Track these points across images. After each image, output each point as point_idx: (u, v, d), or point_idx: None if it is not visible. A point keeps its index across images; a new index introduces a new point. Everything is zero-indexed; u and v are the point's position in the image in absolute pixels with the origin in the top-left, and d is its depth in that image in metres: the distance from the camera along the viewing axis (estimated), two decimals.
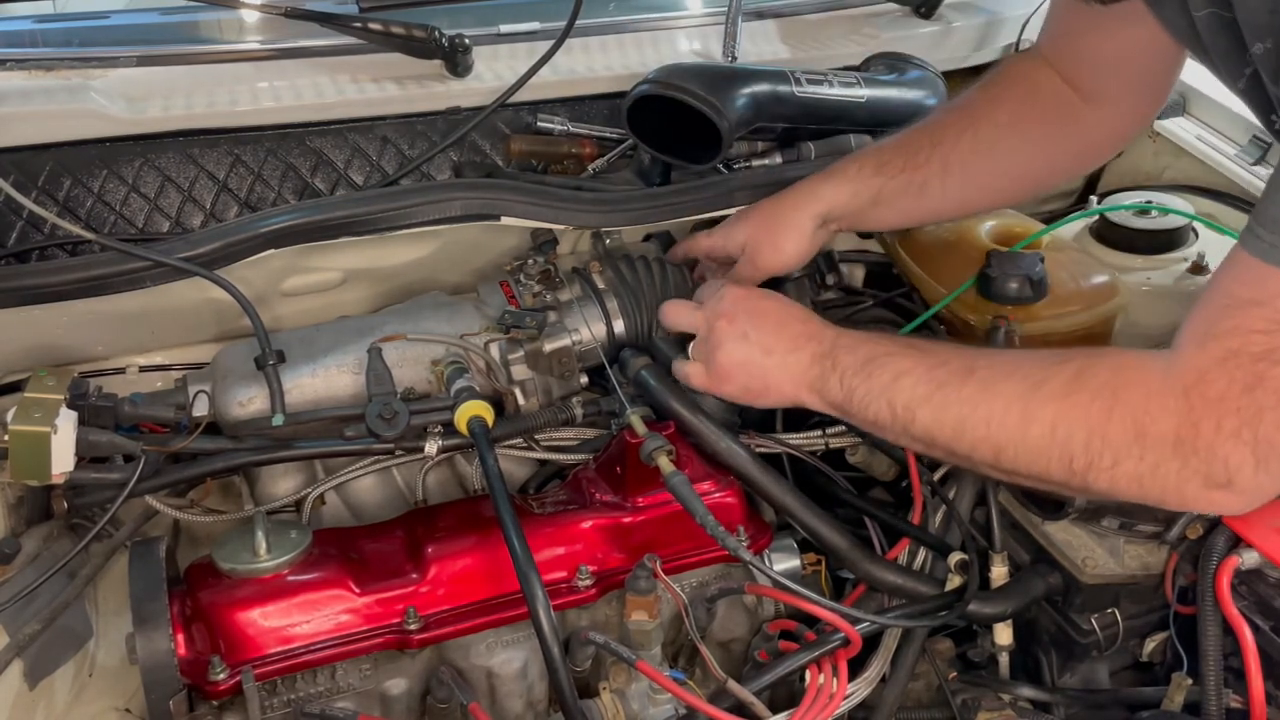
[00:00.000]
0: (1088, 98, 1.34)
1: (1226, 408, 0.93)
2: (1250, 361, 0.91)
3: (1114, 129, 1.39)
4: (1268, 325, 0.91)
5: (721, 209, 1.48)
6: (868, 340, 1.17)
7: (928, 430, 1.09)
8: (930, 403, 1.08)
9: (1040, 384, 1.03)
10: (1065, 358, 1.04)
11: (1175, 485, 0.97)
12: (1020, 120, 1.37)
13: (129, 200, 1.49)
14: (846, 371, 1.15)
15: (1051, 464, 1.02)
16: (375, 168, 1.57)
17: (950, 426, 1.07)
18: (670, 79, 1.46)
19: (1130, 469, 0.98)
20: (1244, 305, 0.93)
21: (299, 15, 1.51)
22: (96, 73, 1.49)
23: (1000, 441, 1.04)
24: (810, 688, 1.17)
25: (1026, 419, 1.02)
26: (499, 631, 1.23)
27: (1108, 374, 1.00)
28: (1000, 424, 1.04)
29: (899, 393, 1.10)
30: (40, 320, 1.29)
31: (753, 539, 1.29)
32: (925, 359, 1.11)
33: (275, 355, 1.28)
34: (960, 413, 1.06)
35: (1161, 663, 1.32)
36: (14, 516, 1.26)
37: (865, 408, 1.13)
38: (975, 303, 1.43)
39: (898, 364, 1.12)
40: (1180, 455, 0.95)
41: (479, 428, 1.21)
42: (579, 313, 1.39)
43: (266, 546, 1.16)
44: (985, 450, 1.06)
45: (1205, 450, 0.94)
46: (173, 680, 1.11)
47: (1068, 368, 1.02)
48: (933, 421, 1.08)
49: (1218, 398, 0.93)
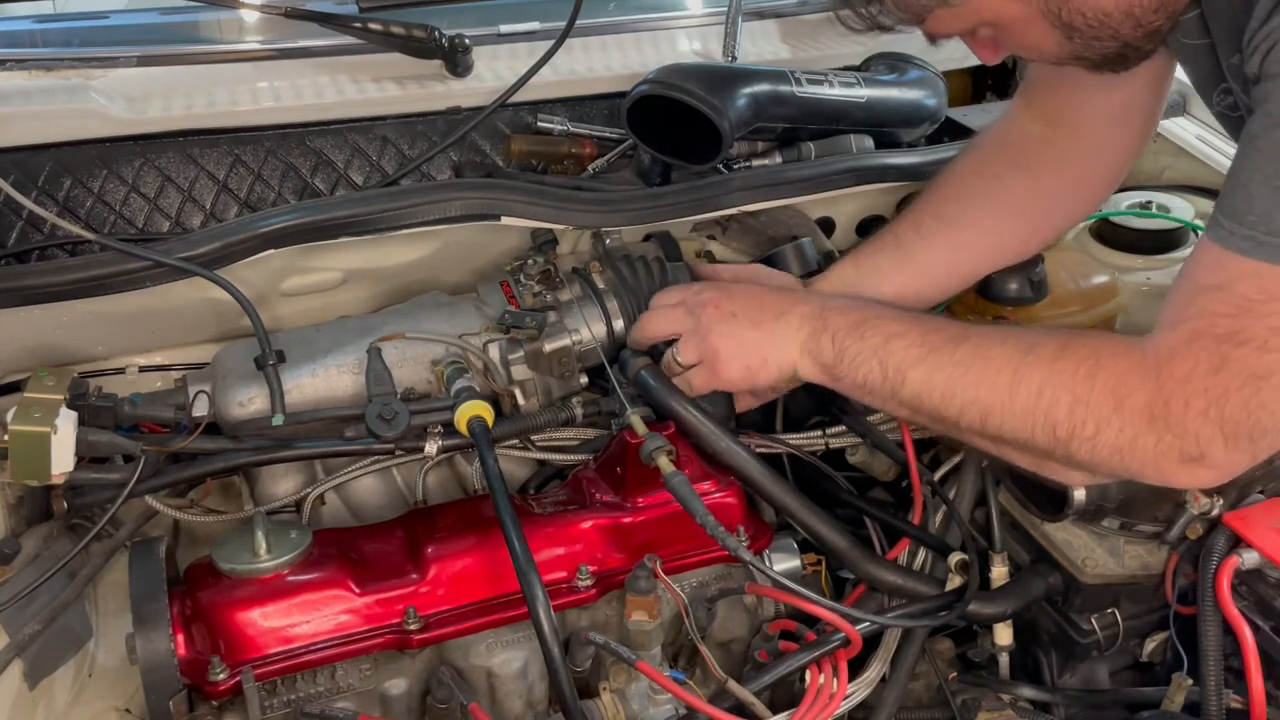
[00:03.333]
0: (1076, 130, 1.35)
1: (1194, 388, 0.96)
2: (1214, 343, 0.95)
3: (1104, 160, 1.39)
4: (1230, 309, 0.94)
5: (721, 209, 1.48)
6: (860, 304, 1.19)
7: (916, 394, 1.11)
8: (923, 364, 1.10)
9: (1031, 348, 1.06)
10: (1055, 330, 1.09)
11: (1153, 459, 1.00)
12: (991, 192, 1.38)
13: (129, 200, 1.49)
14: (838, 332, 1.16)
15: (1036, 430, 1.05)
16: (375, 168, 1.57)
17: (940, 389, 1.09)
18: (670, 79, 1.46)
19: (1111, 439, 1.01)
20: (1208, 290, 0.97)
21: (299, 15, 1.51)
22: (96, 73, 1.49)
23: (989, 404, 1.07)
24: (810, 688, 1.17)
25: (1015, 380, 1.05)
26: (499, 632, 1.23)
27: (1094, 344, 1.04)
28: (991, 385, 1.06)
29: (891, 354, 1.12)
30: (40, 320, 1.29)
31: (753, 539, 1.29)
32: (919, 324, 1.14)
33: (275, 355, 1.28)
34: (951, 375, 1.08)
35: (1161, 663, 1.32)
36: (14, 516, 1.26)
37: (856, 368, 1.15)
38: (975, 303, 1.43)
39: (890, 326, 1.14)
40: (1155, 430, 0.99)
41: (479, 428, 1.21)
42: (579, 313, 1.39)
43: (266, 546, 1.16)
44: (973, 414, 1.08)
45: (1177, 426, 0.97)
46: (173, 680, 1.11)
47: (1057, 336, 1.06)
48: (923, 384, 1.10)
49: (1184, 378, 0.96)
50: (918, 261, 1.37)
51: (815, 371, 1.20)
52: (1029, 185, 1.37)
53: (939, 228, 1.37)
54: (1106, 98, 1.31)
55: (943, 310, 1.45)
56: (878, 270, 1.37)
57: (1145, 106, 1.35)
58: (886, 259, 1.38)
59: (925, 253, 1.37)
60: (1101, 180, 1.41)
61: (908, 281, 1.37)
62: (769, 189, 1.48)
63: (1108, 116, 1.33)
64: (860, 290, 1.36)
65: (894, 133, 1.66)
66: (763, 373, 1.22)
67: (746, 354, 1.21)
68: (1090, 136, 1.35)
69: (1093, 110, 1.33)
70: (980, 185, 1.37)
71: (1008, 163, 1.37)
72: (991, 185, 1.37)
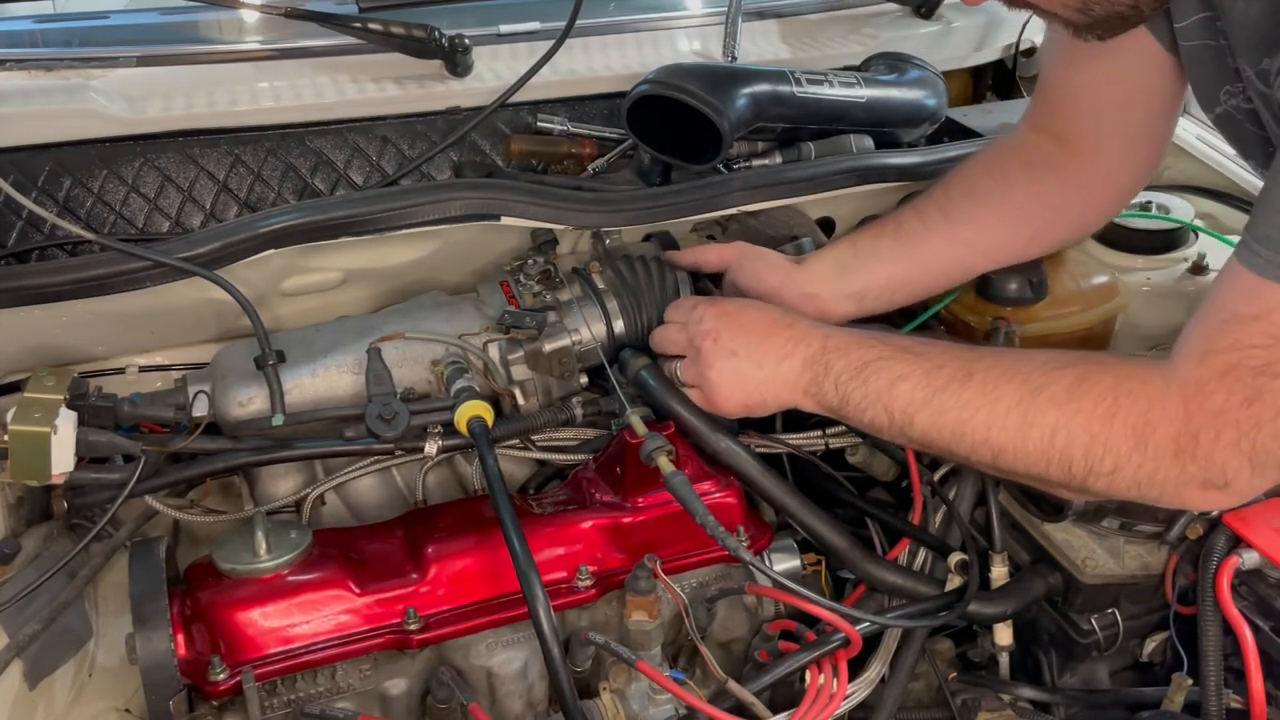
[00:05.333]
0: (1083, 152, 1.34)
1: (1225, 420, 0.94)
2: (1250, 375, 0.93)
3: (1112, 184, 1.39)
4: (1266, 340, 0.93)
5: (722, 209, 1.48)
6: (860, 342, 1.16)
7: (925, 433, 1.10)
8: (929, 407, 1.08)
9: (1040, 389, 1.03)
10: (1065, 363, 1.05)
11: (1173, 489, 0.99)
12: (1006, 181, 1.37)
13: (129, 200, 1.49)
14: (841, 376, 1.14)
15: (1050, 468, 1.04)
16: (375, 168, 1.57)
17: (949, 430, 1.08)
18: (670, 79, 1.45)
19: (1129, 475, 1.00)
20: (1242, 320, 0.94)
21: (299, 15, 1.51)
22: (96, 73, 1.49)
23: (999, 445, 1.05)
24: (810, 688, 1.17)
25: (1026, 424, 1.03)
26: (499, 632, 1.23)
27: (1110, 381, 1.01)
28: (1000, 429, 1.04)
29: (896, 398, 1.10)
30: (40, 320, 1.29)
31: (753, 539, 1.29)
32: (921, 362, 1.10)
33: (275, 355, 1.28)
34: (959, 417, 1.07)
35: (1161, 663, 1.32)
36: (14, 516, 1.26)
37: (862, 412, 1.13)
38: (975, 303, 1.43)
39: (893, 368, 1.11)
40: (1179, 462, 0.97)
41: (479, 428, 1.21)
42: (579, 313, 1.39)
43: (266, 546, 1.16)
44: (984, 453, 1.07)
45: (1204, 458, 0.96)
46: (173, 680, 1.11)
47: (1068, 374, 1.03)
48: (930, 425, 1.09)
49: (1217, 410, 0.94)
50: (918, 251, 1.36)
51: (821, 411, 1.19)
52: (1037, 194, 1.36)
53: (944, 222, 1.36)
54: (1119, 118, 1.30)
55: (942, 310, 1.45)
56: (876, 254, 1.36)
57: (1158, 128, 1.34)
58: (887, 244, 1.37)
59: (926, 244, 1.36)
60: (1111, 199, 1.41)
61: (905, 269, 1.36)
62: (769, 189, 1.48)
63: (1121, 138, 1.32)
64: (853, 273, 1.35)
65: (894, 133, 1.66)
66: (761, 409, 1.22)
67: (746, 394, 1.20)
68: (1101, 158, 1.34)
69: (1107, 130, 1.32)
70: (989, 187, 1.37)
71: (1018, 168, 1.36)
72: (1000, 188, 1.36)
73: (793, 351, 1.18)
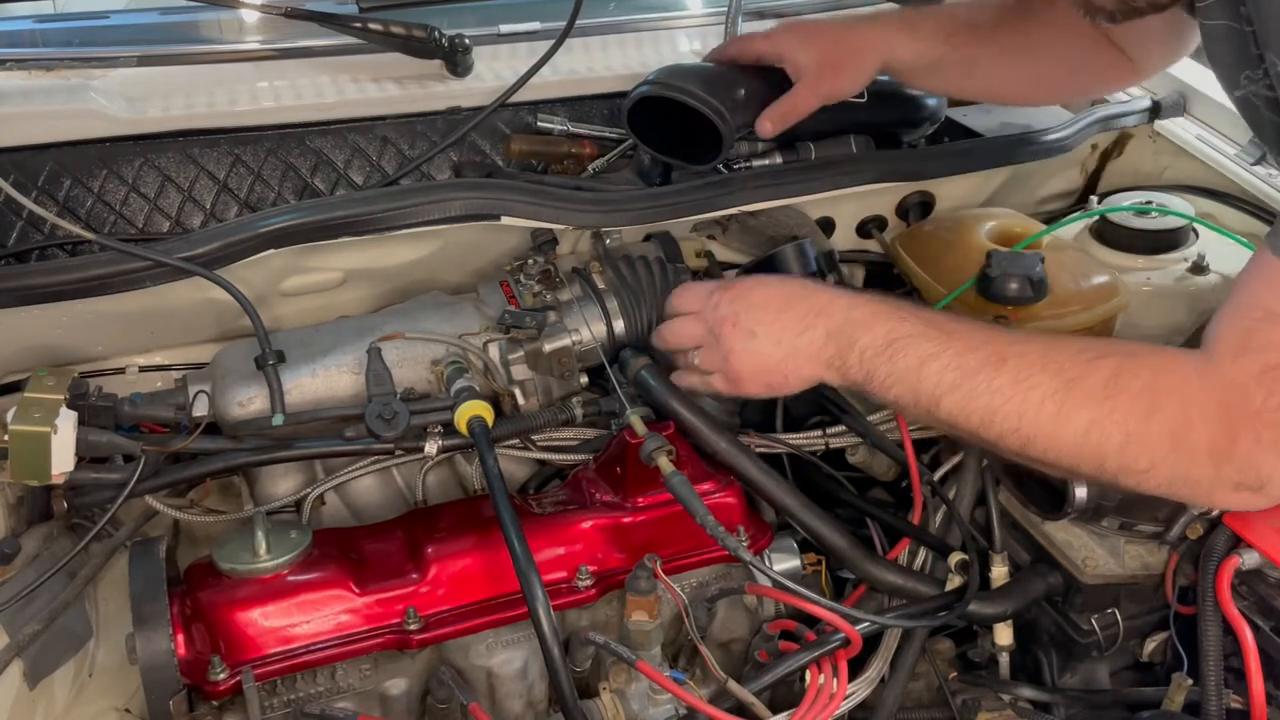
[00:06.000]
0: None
1: (1265, 420, 0.94)
2: None
3: (1152, 55, 1.44)
4: None
5: (722, 209, 1.48)
6: (884, 315, 1.12)
7: (952, 415, 1.07)
8: (959, 390, 1.06)
9: (1075, 381, 1.01)
10: (1099, 352, 1.03)
11: (1207, 490, 0.99)
12: (1069, 25, 1.37)
13: (129, 200, 1.49)
14: (866, 351, 1.11)
15: (1082, 462, 1.03)
16: (375, 168, 1.57)
17: (978, 416, 1.05)
18: (671, 80, 1.45)
19: (1164, 475, 0.99)
20: (1278, 319, 0.94)
21: (299, 15, 1.51)
22: (96, 73, 1.49)
23: (1030, 434, 1.03)
24: (810, 688, 1.17)
25: (1060, 418, 1.01)
26: (499, 631, 1.23)
27: (1147, 377, 0.99)
28: (1033, 420, 1.03)
29: (924, 378, 1.08)
30: (40, 320, 1.29)
31: (753, 539, 1.29)
32: (952, 342, 1.08)
33: (275, 355, 1.28)
34: (990, 403, 1.04)
35: (1161, 663, 1.32)
36: (14, 516, 1.26)
37: (886, 389, 1.11)
38: (975, 303, 1.43)
39: (922, 346, 1.08)
40: (1215, 463, 0.96)
41: (479, 428, 1.21)
42: (579, 313, 1.39)
43: (266, 546, 1.16)
44: (1013, 440, 1.05)
45: (1241, 460, 0.95)
46: (173, 680, 1.11)
47: (1103, 366, 1.01)
48: (959, 409, 1.06)
49: (1255, 412, 0.94)
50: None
51: (843, 384, 1.17)
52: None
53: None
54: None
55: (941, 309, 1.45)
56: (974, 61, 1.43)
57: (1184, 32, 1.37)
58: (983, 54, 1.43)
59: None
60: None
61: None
62: (769, 189, 1.47)
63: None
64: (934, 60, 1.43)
65: (894, 133, 1.66)
66: (785, 388, 1.20)
67: (769, 374, 1.18)
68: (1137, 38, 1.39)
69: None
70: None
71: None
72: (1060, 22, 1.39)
73: (814, 323, 1.16)
